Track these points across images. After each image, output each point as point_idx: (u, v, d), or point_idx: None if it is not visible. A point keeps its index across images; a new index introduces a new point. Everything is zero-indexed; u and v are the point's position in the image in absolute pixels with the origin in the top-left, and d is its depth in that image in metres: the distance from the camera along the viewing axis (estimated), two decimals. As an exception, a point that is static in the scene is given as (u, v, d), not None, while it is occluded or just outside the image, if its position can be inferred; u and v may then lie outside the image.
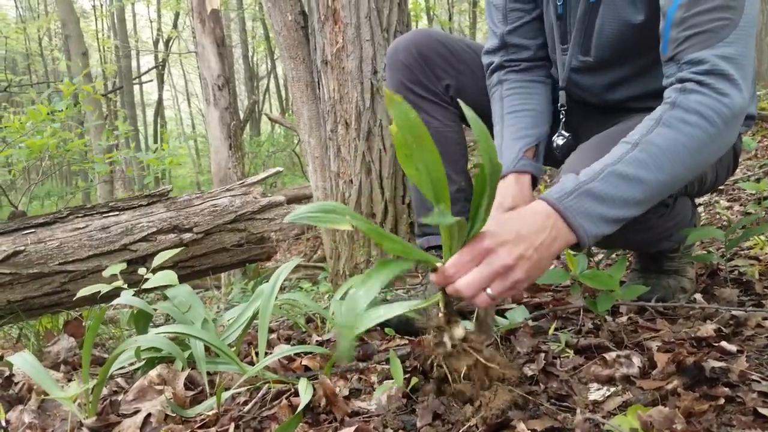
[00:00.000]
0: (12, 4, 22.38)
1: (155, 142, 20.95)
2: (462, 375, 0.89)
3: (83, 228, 1.51)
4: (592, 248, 1.64)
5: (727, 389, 0.89)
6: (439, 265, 0.87)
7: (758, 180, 2.70)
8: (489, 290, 0.85)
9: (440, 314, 0.90)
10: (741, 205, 2.38)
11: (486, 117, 1.43)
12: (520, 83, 1.42)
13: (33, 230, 1.49)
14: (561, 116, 1.42)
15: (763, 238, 1.74)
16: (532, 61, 1.45)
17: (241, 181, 1.70)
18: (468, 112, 0.82)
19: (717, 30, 1.00)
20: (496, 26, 1.43)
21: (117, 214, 1.55)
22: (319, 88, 2.27)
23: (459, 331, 0.89)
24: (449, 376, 0.90)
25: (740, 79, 1.00)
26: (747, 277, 1.52)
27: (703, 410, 0.84)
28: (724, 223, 2.21)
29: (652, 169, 0.96)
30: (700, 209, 2.61)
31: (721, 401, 0.86)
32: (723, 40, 1.00)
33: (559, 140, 1.43)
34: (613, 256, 1.85)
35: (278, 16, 2.32)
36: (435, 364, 0.92)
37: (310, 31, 2.26)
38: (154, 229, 1.54)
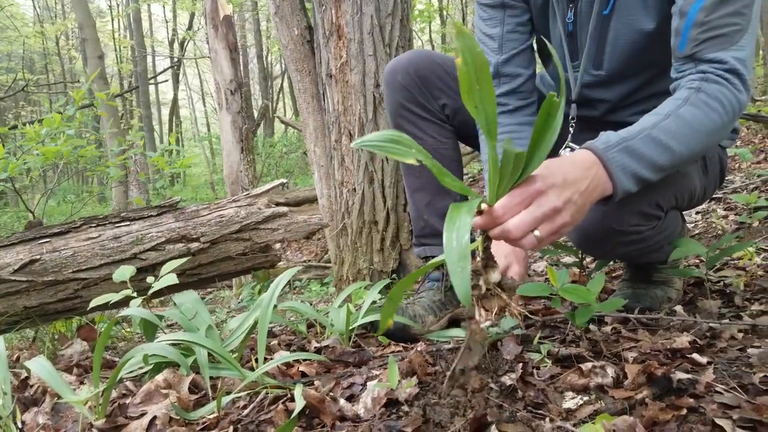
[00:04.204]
0: (30, 3, 22.69)
1: (170, 141, 21.19)
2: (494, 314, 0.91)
3: (96, 237, 1.60)
4: (584, 260, 1.70)
5: (691, 400, 0.94)
6: (485, 206, 0.88)
7: (756, 189, 2.73)
8: (537, 232, 0.87)
9: (478, 258, 0.91)
10: (736, 214, 2.42)
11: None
12: (510, 127, 1.45)
13: (48, 240, 1.58)
14: (570, 129, 1.47)
15: (751, 249, 1.79)
16: (520, 93, 1.47)
17: (246, 193, 1.78)
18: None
19: (732, 34, 1.11)
20: (490, 56, 1.45)
21: (128, 224, 1.63)
22: (324, 100, 2.34)
23: (495, 275, 0.90)
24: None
25: (748, 80, 1.11)
26: (732, 288, 1.57)
27: (666, 420, 0.90)
28: (719, 232, 2.25)
29: (679, 139, 1.05)
30: (698, 217, 2.65)
31: (684, 411, 0.91)
32: (736, 44, 1.11)
33: (566, 153, 1.48)
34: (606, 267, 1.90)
35: (285, 31, 2.40)
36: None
37: (316, 45, 2.34)
38: (163, 239, 1.62)
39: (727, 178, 3.49)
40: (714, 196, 2.41)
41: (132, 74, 19.52)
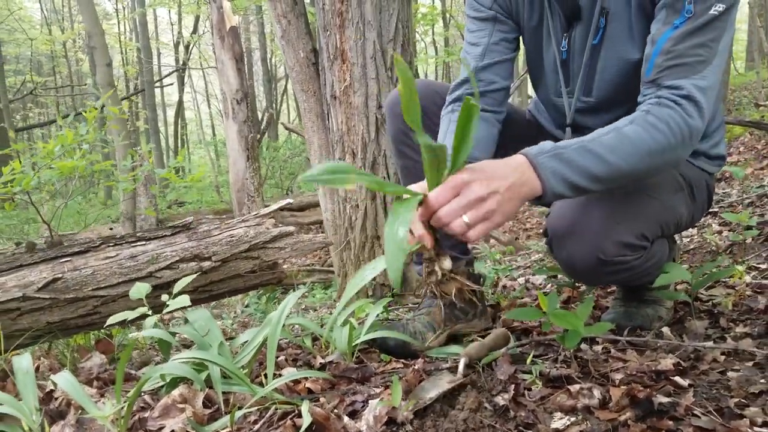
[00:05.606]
0: (38, 6, 22.84)
1: (175, 142, 21.33)
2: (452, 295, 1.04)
3: (114, 257, 1.68)
4: (575, 282, 1.77)
5: (670, 422, 1.01)
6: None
7: (751, 204, 2.80)
8: (465, 218, 0.98)
9: (431, 249, 1.01)
10: (730, 230, 2.49)
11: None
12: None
13: (69, 258, 1.67)
14: None
15: (741, 268, 1.85)
16: (490, 99, 1.53)
17: (255, 213, 1.86)
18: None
19: (695, 64, 1.17)
20: (471, 61, 1.53)
21: (144, 244, 1.72)
22: (328, 120, 2.42)
23: (447, 263, 1.02)
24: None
25: (705, 108, 1.17)
26: (720, 309, 1.63)
27: (646, 441, 0.98)
28: (713, 248, 2.32)
29: (617, 153, 1.12)
30: (694, 231, 2.72)
31: (663, 433, 0.99)
32: (698, 74, 1.17)
33: None
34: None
35: (291, 53, 2.49)
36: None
37: (321, 68, 2.42)
38: (177, 258, 1.71)
39: (724, 192, 3.56)
40: (710, 210, 2.48)
41: (137, 77, 19.66)
